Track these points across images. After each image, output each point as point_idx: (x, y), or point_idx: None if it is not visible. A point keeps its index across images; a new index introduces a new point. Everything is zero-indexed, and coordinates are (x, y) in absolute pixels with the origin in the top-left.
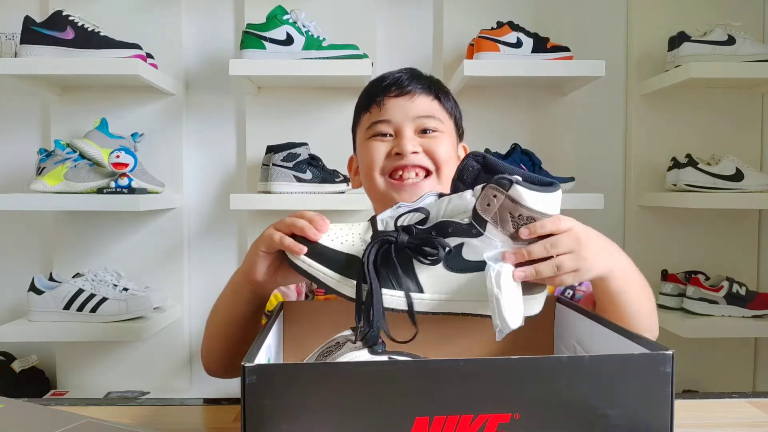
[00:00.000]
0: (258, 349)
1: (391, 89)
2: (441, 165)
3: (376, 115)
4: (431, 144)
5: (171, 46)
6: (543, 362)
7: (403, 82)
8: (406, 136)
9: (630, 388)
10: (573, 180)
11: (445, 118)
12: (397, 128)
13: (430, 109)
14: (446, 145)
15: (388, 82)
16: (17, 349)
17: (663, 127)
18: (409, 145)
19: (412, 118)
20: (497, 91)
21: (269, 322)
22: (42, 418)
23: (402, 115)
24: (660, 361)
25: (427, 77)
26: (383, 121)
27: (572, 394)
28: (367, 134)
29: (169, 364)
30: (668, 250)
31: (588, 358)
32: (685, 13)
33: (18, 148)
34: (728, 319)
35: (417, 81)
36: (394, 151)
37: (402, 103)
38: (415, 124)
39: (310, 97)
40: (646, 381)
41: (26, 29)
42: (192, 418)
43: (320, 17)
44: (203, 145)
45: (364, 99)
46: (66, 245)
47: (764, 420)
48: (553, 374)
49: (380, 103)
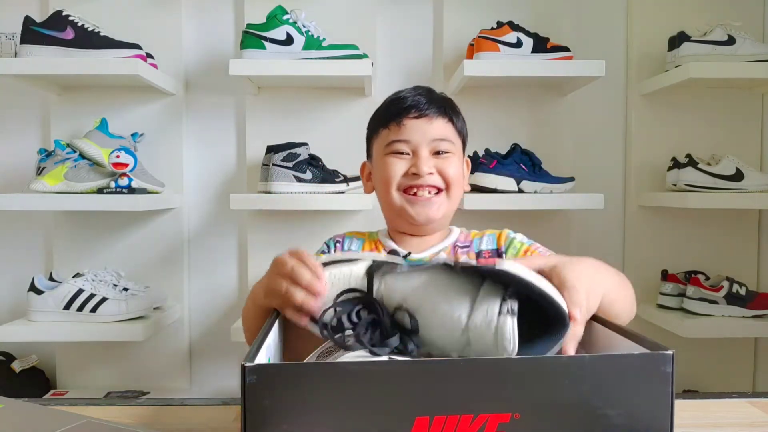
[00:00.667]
0: (257, 349)
1: (411, 111)
2: (451, 185)
3: (395, 134)
4: (444, 165)
5: (171, 46)
6: (543, 362)
7: (423, 105)
8: (422, 158)
9: (630, 388)
10: (573, 180)
11: (456, 138)
12: (415, 149)
13: (444, 132)
14: (456, 166)
15: (409, 104)
16: (17, 349)
17: (663, 127)
18: (425, 167)
19: (429, 140)
20: (497, 91)
21: (269, 321)
22: (42, 418)
23: (420, 136)
24: (660, 361)
25: (441, 98)
26: (403, 141)
27: (573, 393)
28: (386, 150)
29: (169, 364)
30: (668, 250)
31: (589, 357)
32: (685, 13)
33: (18, 148)
34: (728, 319)
35: (434, 104)
36: (411, 171)
37: (421, 125)
38: (431, 146)
39: (310, 97)
40: (647, 381)
41: (26, 29)
42: (192, 418)
43: (320, 17)
44: (203, 145)
45: (384, 115)
46: (66, 245)
47: (764, 420)
48: (553, 374)
49: (400, 123)
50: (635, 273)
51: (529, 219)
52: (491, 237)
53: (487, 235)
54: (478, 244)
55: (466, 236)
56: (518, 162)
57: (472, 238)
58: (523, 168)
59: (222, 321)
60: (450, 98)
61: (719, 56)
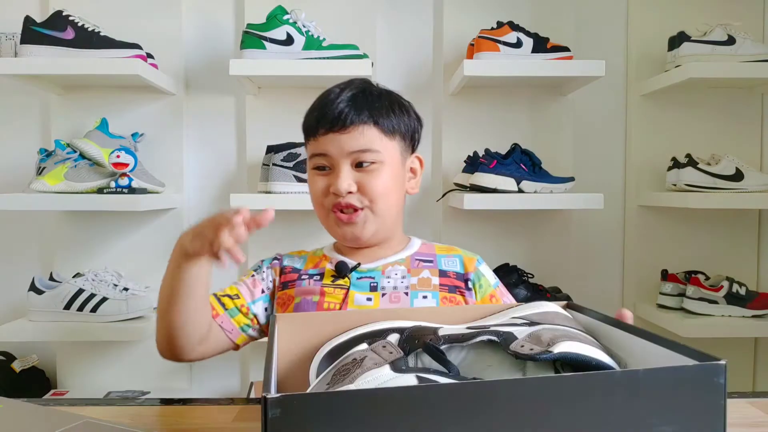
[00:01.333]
0: (270, 376)
1: (325, 123)
2: (375, 200)
3: (314, 147)
4: (366, 180)
5: (171, 46)
6: (596, 378)
7: (339, 115)
8: (341, 174)
9: (685, 402)
10: (573, 180)
11: (386, 143)
12: (334, 163)
13: (366, 141)
14: (383, 178)
15: (325, 114)
16: (17, 349)
17: (663, 127)
18: (344, 184)
19: (347, 153)
20: (497, 91)
21: (270, 342)
22: (41, 418)
23: (337, 150)
24: (713, 372)
25: (369, 99)
26: (321, 155)
27: (627, 410)
28: (311, 164)
29: (169, 364)
30: (668, 250)
31: (643, 372)
32: (685, 13)
33: (18, 148)
34: (728, 319)
35: (356, 110)
36: (331, 190)
37: (337, 137)
38: (351, 158)
39: (310, 97)
40: (700, 393)
41: (26, 29)
42: (192, 418)
43: (320, 17)
44: (203, 145)
45: (304, 125)
46: (66, 245)
47: (764, 420)
48: (606, 390)
49: (316, 137)
50: (635, 273)
51: (529, 219)
52: (458, 259)
53: (455, 255)
54: (443, 262)
55: (429, 249)
56: (518, 162)
57: (437, 253)
58: (523, 168)
59: None
60: (387, 92)
61: (719, 56)
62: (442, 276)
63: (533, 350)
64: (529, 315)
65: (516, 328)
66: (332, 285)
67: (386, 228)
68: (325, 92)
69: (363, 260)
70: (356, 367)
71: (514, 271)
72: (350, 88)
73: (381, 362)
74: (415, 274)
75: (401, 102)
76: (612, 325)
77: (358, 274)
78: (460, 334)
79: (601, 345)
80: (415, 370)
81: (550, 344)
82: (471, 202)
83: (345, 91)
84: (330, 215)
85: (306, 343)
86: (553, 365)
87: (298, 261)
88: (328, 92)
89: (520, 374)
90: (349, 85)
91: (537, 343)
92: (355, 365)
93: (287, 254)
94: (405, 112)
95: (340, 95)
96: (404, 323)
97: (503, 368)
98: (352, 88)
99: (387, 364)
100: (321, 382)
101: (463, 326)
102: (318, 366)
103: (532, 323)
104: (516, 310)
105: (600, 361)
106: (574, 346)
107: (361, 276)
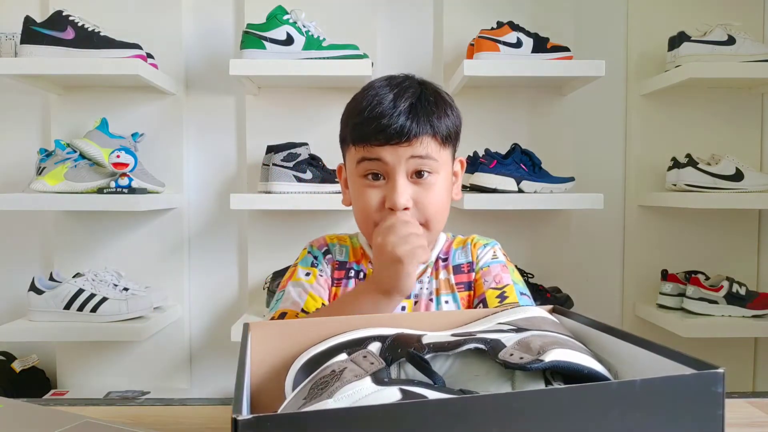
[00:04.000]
0: (241, 394)
1: (385, 135)
2: (431, 219)
3: (364, 152)
4: (423, 197)
5: (171, 46)
6: (591, 390)
7: (400, 131)
8: (397, 188)
9: (681, 414)
10: (573, 180)
11: (441, 152)
12: (390, 172)
13: (427, 148)
14: (439, 194)
15: (384, 129)
16: (17, 349)
17: (663, 127)
18: (402, 199)
19: (406, 159)
20: (497, 91)
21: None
22: (41, 418)
23: (395, 158)
24: (711, 381)
25: (427, 104)
26: (375, 160)
27: (623, 422)
28: (358, 169)
29: (169, 364)
30: (668, 250)
31: (640, 382)
32: (685, 13)
33: (18, 148)
34: (728, 319)
35: (417, 123)
36: (387, 205)
37: (396, 148)
38: (409, 166)
39: (310, 97)
40: (698, 404)
41: (26, 29)
42: (192, 418)
43: (320, 17)
44: (203, 145)
45: (352, 134)
46: (66, 245)
47: (764, 420)
48: (602, 403)
49: (369, 145)
50: (635, 273)
51: (529, 219)
52: (468, 247)
53: (467, 244)
54: (456, 256)
55: (449, 245)
56: (518, 162)
57: (453, 248)
58: (523, 168)
59: (222, 321)
60: (436, 91)
61: (719, 56)
62: (456, 273)
63: (523, 359)
64: (516, 320)
65: (503, 335)
66: None
67: (432, 240)
68: (371, 95)
69: None
70: (335, 380)
71: None
72: (405, 96)
73: (362, 374)
74: (437, 276)
75: (449, 102)
76: (600, 330)
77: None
78: (446, 342)
79: (591, 351)
80: (398, 382)
81: (540, 352)
82: (471, 202)
83: (400, 99)
84: None
85: (282, 353)
86: (543, 374)
87: (342, 252)
88: (379, 98)
89: (508, 384)
90: (399, 88)
91: (526, 351)
92: (333, 377)
93: (331, 242)
94: (452, 112)
95: (396, 104)
96: (386, 330)
97: (491, 378)
98: (407, 95)
99: (368, 375)
100: (297, 396)
101: (448, 333)
102: (294, 378)
103: (520, 329)
104: (501, 315)
105: (592, 369)
106: (565, 353)
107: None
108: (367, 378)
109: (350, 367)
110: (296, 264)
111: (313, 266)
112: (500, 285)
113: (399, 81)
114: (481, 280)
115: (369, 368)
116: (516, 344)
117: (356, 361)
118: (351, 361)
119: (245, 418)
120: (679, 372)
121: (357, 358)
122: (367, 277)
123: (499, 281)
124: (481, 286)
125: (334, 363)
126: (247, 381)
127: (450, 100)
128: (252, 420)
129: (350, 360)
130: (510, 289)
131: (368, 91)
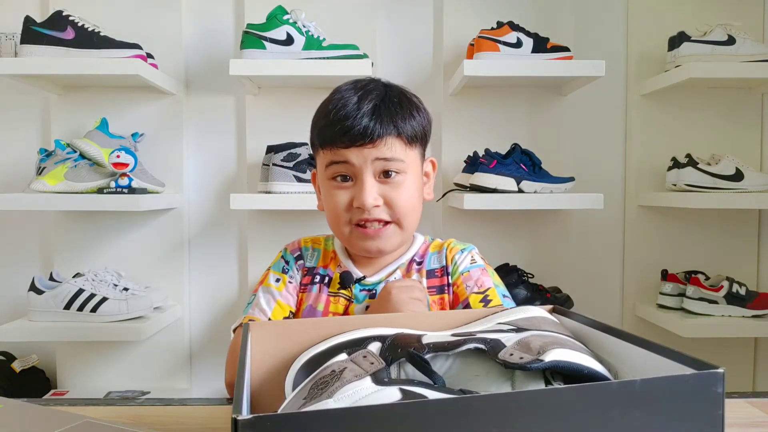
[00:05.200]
0: (241, 394)
1: (349, 137)
2: (401, 216)
3: (332, 155)
4: (392, 195)
5: (171, 46)
6: (591, 390)
7: (363, 133)
8: (365, 188)
9: (681, 414)
10: (573, 180)
11: (408, 152)
12: (357, 173)
13: (393, 149)
14: (408, 192)
15: (348, 131)
16: (17, 349)
17: (663, 127)
18: (369, 199)
19: (372, 160)
20: (497, 91)
21: (242, 353)
22: (41, 418)
23: (361, 159)
24: (711, 381)
25: (391, 105)
26: (342, 162)
27: (624, 423)
28: (328, 173)
29: (169, 364)
30: (668, 250)
31: (640, 382)
32: (685, 13)
33: (18, 148)
34: (728, 319)
35: (380, 124)
36: (355, 205)
37: (361, 149)
38: (375, 167)
39: (310, 97)
40: (697, 405)
41: (26, 29)
42: (192, 418)
43: (320, 17)
44: (203, 145)
45: (319, 138)
46: (66, 245)
47: (764, 420)
48: (603, 403)
49: (335, 148)
50: (635, 273)
51: (529, 219)
52: (444, 251)
53: (443, 248)
54: (431, 260)
55: (425, 248)
56: (518, 162)
57: (429, 251)
58: (523, 168)
59: (222, 321)
60: (401, 93)
61: (719, 56)
62: (430, 277)
63: (523, 359)
64: (516, 320)
65: (503, 335)
66: (337, 293)
67: (407, 238)
68: (336, 99)
69: (369, 267)
70: (335, 380)
71: (514, 271)
72: (368, 98)
73: (362, 374)
74: (408, 277)
75: (416, 103)
76: (600, 330)
77: (361, 286)
78: (446, 342)
79: (590, 351)
80: (398, 382)
81: (540, 352)
82: (471, 202)
83: (364, 101)
84: (353, 230)
85: (282, 353)
86: (543, 374)
87: (314, 257)
88: (344, 101)
89: (508, 384)
90: (364, 91)
91: (526, 350)
92: (333, 377)
93: (305, 246)
94: (419, 113)
95: (360, 106)
96: (385, 330)
97: (491, 378)
98: (371, 97)
99: (368, 375)
100: (297, 396)
101: (448, 333)
102: (294, 378)
103: (519, 329)
104: (501, 315)
105: (592, 369)
106: (565, 353)
107: (363, 288)
108: (367, 378)
109: (350, 367)
110: (270, 267)
111: (284, 272)
112: (483, 289)
113: (364, 84)
114: (463, 286)
115: (369, 368)
116: (516, 344)
117: (356, 361)
118: (351, 361)
119: (245, 418)
120: (679, 372)
121: (357, 358)
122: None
123: (481, 285)
124: (463, 292)
125: (334, 363)
126: (247, 381)
127: (417, 101)
128: (252, 420)
129: (350, 360)
130: (492, 292)
131: (334, 95)
